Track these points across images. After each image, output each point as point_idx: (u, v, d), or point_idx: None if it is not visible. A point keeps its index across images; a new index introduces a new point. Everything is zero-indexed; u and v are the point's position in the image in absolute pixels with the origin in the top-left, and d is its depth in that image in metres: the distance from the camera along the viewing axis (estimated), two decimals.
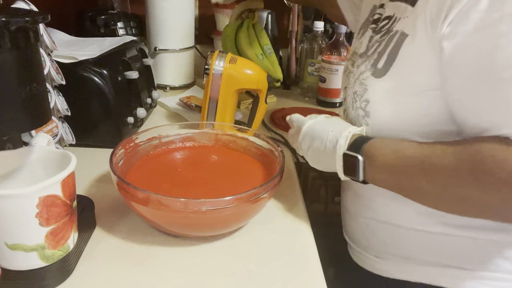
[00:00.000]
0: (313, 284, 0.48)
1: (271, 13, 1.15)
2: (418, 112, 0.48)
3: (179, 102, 1.02)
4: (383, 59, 0.50)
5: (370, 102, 0.50)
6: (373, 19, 0.59)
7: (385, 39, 0.51)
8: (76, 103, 0.70)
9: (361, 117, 0.52)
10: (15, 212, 0.40)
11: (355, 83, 0.54)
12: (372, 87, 0.50)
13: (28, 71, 0.42)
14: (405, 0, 0.50)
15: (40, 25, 0.58)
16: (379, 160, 0.47)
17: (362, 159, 0.48)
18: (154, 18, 1.08)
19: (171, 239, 0.54)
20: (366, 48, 0.56)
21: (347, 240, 0.68)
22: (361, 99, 0.52)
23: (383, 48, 0.51)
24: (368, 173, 0.49)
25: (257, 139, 0.66)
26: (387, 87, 0.49)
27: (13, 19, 0.38)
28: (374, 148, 0.48)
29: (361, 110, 0.52)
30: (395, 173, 0.47)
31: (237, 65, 0.75)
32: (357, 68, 0.55)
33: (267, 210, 0.61)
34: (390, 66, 0.48)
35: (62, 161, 0.45)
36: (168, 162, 0.65)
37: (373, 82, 0.50)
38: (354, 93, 0.54)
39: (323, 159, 0.53)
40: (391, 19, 0.52)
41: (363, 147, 0.48)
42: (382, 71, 0.49)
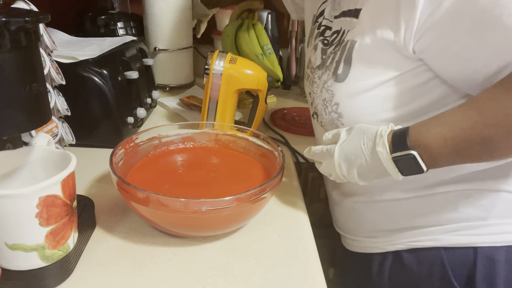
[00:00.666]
0: (313, 284, 0.48)
1: (271, 13, 1.15)
2: (382, 101, 0.54)
3: (179, 102, 1.02)
4: (341, 65, 0.56)
5: (339, 104, 0.56)
6: (319, 32, 0.65)
7: (339, 49, 0.57)
8: (76, 103, 0.70)
9: (336, 119, 0.58)
10: (15, 212, 0.40)
11: (321, 92, 0.59)
12: (338, 91, 0.56)
13: (28, 71, 0.42)
14: (350, 15, 0.56)
15: (40, 25, 0.57)
16: (435, 143, 0.45)
17: (417, 153, 0.46)
18: (154, 18, 1.08)
19: (171, 239, 0.54)
20: (322, 60, 0.62)
21: (339, 231, 0.72)
22: (331, 103, 0.57)
23: (339, 57, 0.57)
24: (429, 161, 0.46)
25: (257, 139, 0.66)
26: (351, 88, 0.55)
27: (13, 19, 0.38)
28: (422, 135, 0.46)
29: (334, 113, 0.57)
30: (459, 145, 0.45)
31: (237, 65, 0.75)
32: (319, 78, 0.61)
33: (267, 210, 0.61)
34: (349, 70, 0.55)
35: (62, 161, 0.45)
36: (168, 162, 0.65)
37: (338, 86, 0.56)
38: (324, 100, 0.59)
39: (371, 173, 0.51)
40: (340, 33, 0.59)
41: (408, 141, 0.46)
42: (343, 75, 0.55)
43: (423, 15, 0.46)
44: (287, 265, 0.50)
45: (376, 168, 0.49)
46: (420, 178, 0.50)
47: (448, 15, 0.45)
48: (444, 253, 0.56)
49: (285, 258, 0.52)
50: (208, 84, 0.76)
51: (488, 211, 0.55)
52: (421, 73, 0.51)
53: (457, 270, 0.56)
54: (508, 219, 0.55)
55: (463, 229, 0.55)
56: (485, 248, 0.54)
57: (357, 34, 0.54)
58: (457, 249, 0.56)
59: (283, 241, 0.55)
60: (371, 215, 0.63)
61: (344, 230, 0.70)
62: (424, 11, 0.46)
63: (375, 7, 0.52)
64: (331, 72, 0.58)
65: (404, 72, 0.52)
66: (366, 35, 0.52)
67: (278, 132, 0.90)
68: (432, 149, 0.45)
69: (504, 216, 0.55)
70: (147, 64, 0.92)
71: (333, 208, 0.72)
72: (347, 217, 0.68)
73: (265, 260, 0.51)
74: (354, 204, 0.65)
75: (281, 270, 0.49)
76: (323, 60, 0.62)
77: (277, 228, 0.58)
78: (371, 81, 0.53)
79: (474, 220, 0.55)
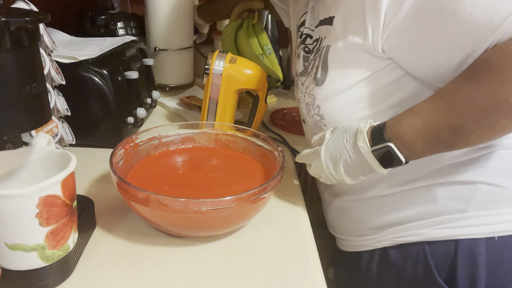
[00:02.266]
0: (313, 284, 0.48)
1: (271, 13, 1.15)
2: (359, 100, 0.56)
3: (179, 102, 1.02)
4: (319, 70, 0.58)
5: (320, 107, 0.59)
6: (301, 40, 0.67)
7: (318, 55, 0.60)
8: (76, 103, 0.70)
9: (319, 121, 0.61)
10: (15, 212, 0.40)
11: (304, 96, 0.63)
12: (318, 94, 0.59)
13: (28, 71, 0.42)
14: (326, 23, 0.59)
15: (40, 25, 0.58)
16: (409, 134, 0.48)
17: (394, 144, 0.48)
18: (154, 18, 1.08)
19: (171, 239, 0.54)
20: (304, 67, 0.65)
21: (332, 233, 0.73)
22: (313, 107, 0.60)
23: (317, 62, 0.60)
24: (407, 152, 0.49)
25: (257, 139, 0.66)
26: (329, 90, 0.57)
27: (13, 19, 0.38)
28: (396, 127, 0.49)
29: (317, 115, 0.60)
30: (430, 134, 0.47)
31: (237, 65, 0.75)
32: (303, 84, 0.64)
33: (267, 210, 0.61)
34: (326, 74, 0.57)
35: (62, 161, 0.45)
36: (168, 162, 0.65)
37: (318, 90, 0.59)
38: (307, 104, 0.62)
39: (357, 169, 0.53)
40: (319, 40, 0.61)
41: (385, 134, 0.49)
42: (322, 79, 0.58)
43: (387, 17, 0.49)
44: (287, 265, 0.50)
45: (360, 163, 0.51)
46: (402, 172, 0.56)
47: (410, 13, 0.47)
48: (427, 247, 0.57)
49: (285, 258, 0.52)
50: (208, 84, 0.76)
51: (467, 203, 0.55)
52: (392, 70, 0.53)
53: (440, 263, 0.56)
54: (487, 211, 0.55)
55: (444, 222, 0.56)
56: (465, 240, 0.55)
57: (331, 39, 0.57)
58: (439, 242, 0.57)
59: (283, 241, 0.55)
60: (359, 213, 0.64)
61: (336, 231, 0.72)
62: (388, 12, 0.48)
63: (345, 13, 0.54)
64: (312, 77, 0.61)
65: (376, 71, 0.54)
66: (339, 40, 0.55)
67: (276, 132, 0.90)
68: (407, 140, 0.48)
69: (482, 208, 0.55)
70: (147, 64, 0.92)
71: (326, 209, 0.74)
72: (338, 217, 0.70)
73: (265, 260, 0.51)
74: (343, 203, 0.67)
75: (281, 270, 0.49)
76: (305, 67, 0.65)
77: (277, 228, 0.58)
78: (347, 82, 0.56)
79: (454, 213, 0.56)
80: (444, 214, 0.56)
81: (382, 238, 0.62)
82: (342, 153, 0.53)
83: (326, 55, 0.57)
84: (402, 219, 0.59)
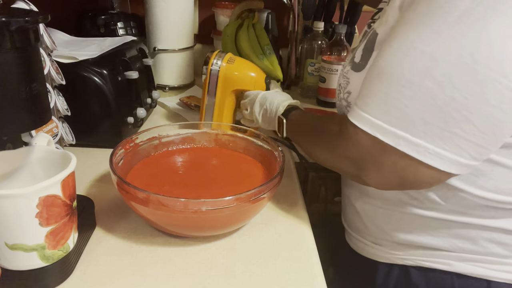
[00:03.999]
0: (313, 284, 0.48)
1: (271, 13, 1.15)
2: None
3: (179, 102, 1.02)
4: (359, 53, 0.55)
5: (351, 94, 0.55)
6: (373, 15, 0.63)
7: (363, 38, 0.56)
8: (76, 103, 0.70)
9: (344, 107, 0.57)
10: (15, 212, 0.40)
11: (341, 76, 0.59)
12: (352, 80, 0.55)
13: (28, 71, 0.42)
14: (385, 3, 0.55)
15: (40, 25, 0.58)
16: (289, 123, 0.65)
17: (285, 122, 0.65)
18: (154, 18, 1.08)
19: (171, 239, 0.54)
20: (359, 44, 0.60)
21: (345, 226, 0.70)
22: (344, 90, 0.57)
23: (360, 43, 0.56)
24: (287, 132, 0.66)
25: (257, 139, 0.66)
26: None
27: (13, 19, 0.38)
28: (292, 116, 0.65)
29: (344, 101, 0.57)
30: (295, 132, 0.64)
31: (234, 65, 0.75)
32: (347, 61, 0.61)
33: (267, 210, 0.61)
34: (367, 61, 0.53)
35: (62, 161, 0.45)
36: (168, 162, 0.65)
37: (353, 75, 0.55)
38: (339, 86, 0.59)
39: (268, 120, 0.70)
40: (377, 19, 0.56)
41: (289, 114, 0.65)
42: (360, 65, 0.54)
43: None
44: (287, 265, 0.50)
45: (272, 119, 0.69)
46: (443, 202, 0.53)
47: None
48: (456, 280, 0.55)
49: (285, 258, 0.52)
50: (205, 83, 0.76)
51: (510, 251, 0.53)
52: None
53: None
54: None
55: (480, 261, 0.54)
56: (500, 283, 0.54)
57: (379, 25, 0.52)
58: (471, 278, 0.55)
59: (283, 241, 0.55)
60: (381, 222, 0.60)
61: (350, 228, 0.68)
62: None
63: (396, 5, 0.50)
64: (350, 58, 0.57)
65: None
66: (386, 29, 0.50)
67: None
68: (290, 124, 0.65)
69: None
70: (147, 64, 0.92)
71: (344, 202, 0.70)
72: (356, 217, 0.66)
73: (265, 260, 0.51)
74: (366, 206, 0.62)
75: (281, 270, 0.49)
76: (359, 44, 0.59)
77: (277, 228, 0.58)
78: None
79: (493, 256, 0.54)
80: (481, 254, 0.54)
81: (405, 257, 0.59)
82: (271, 104, 0.69)
83: (373, 41, 0.52)
84: (430, 245, 0.56)
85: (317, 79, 1.12)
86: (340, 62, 1.04)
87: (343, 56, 1.04)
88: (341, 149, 0.49)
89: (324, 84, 1.08)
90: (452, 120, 0.41)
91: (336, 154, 0.51)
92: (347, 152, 0.49)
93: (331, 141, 0.51)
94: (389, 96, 0.43)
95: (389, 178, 0.46)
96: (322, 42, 1.13)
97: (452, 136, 0.41)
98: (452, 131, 0.41)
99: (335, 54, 1.05)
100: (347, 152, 0.49)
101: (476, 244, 0.54)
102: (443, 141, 0.42)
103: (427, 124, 0.42)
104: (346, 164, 0.50)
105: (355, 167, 0.49)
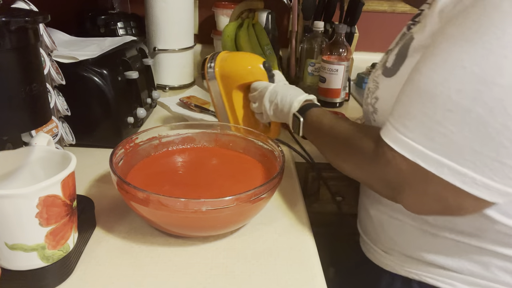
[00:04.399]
0: (313, 284, 0.48)
1: (271, 13, 1.15)
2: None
3: (179, 102, 1.02)
4: (392, 58, 0.51)
5: (379, 100, 0.52)
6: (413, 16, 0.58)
7: (399, 41, 0.52)
8: (76, 103, 0.70)
9: (370, 113, 0.55)
10: (15, 212, 0.40)
11: (371, 79, 0.56)
12: (382, 85, 0.52)
13: (28, 71, 0.42)
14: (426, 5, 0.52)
15: (40, 25, 0.58)
16: (309, 123, 0.61)
17: (302, 120, 0.61)
18: (154, 18, 1.08)
19: (171, 239, 0.54)
20: (395, 46, 0.55)
21: (359, 231, 0.69)
22: (372, 95, 0.54)
23: (394, 47, 0.53)
24: (304, 131, 0.62)
25: (257, 139, 0.66)
26: (396, 88, 0.48)
27: (13, 19, 0.38)
28: (311, 115, 0.61)
29: (371, 106, 0.54)
30: (315, 135, 0.60)
31: (228, 62, 0.72)
32: (380, 64, 0.57)
33: (267, 210, 0.61)
34: (399, 67, 0.49)
35: (62, 161, 0.45)
36: (168, 162, 0.65)
37: (384, 80, 0.52)
38: (368, 89, 0.56)
39: (280, 114, 0.66)
40: (416, 23, 0.52)
41: (307, 113, 0.61)
42: (392, 70, 0.50)
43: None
44: (287, 265, 0.50)
45: (284, 114, 0.65)
46: (461, 224, 0.50)
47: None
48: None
49: (285, 258, 0.52)
50: (208, 89, 0.75)
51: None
52: None
53: None
54: None
55: (486, 287, 0.52)
56: None
57: (417, 30, 0.48)
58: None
59: (283, 241, 0.55)
60: (393, 233, 0.58)
61: (363, 232, 0.67)
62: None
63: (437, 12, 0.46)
64: (383, 61, 0.54)
65: None
66: (424, 35, 0.46)
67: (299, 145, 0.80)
68: (307, 123, 0.61)
69: None
70: (147, 64, 0.92)
71: (360, 207, 0.68)
72: (370, 225, 0.64)
73: (265, 260, 0.51)
74: (381, 215, 0.60)
75: (281, 270, 0.49)
76: (395, 46, 0.55)
77: (277, 228, 0.58)
78: None
79: (501, 284, 0.51)
80: (489, 280, 0.52)
81: (410, 270, 0.57)
82: (282, 98, 0.65)
83: (407, 46, 0.48)
84: (439, 263, 0.54)
85: (317, 79, 1.12)
86: (340, 62, 1.04)
87: (343, 56, 1.04)
88: (376, 170, 0.46)
89: (324, 84, 1.08)
90: (504, 150, 0.37)
91: (369, 174, 0.48)
92: (382, 175, 0.45)
93: (364, 160, 0.48)
94: (432, 120, 0.40)
95: (429, 205, 0.44)
96: (322, 42, 1.13)
97: (502, 167, 0.38)
98: (503, 161, 0.38)
99: (335, 54, 1.05)
100: (382, 175, 0.45)
101: (487, 270, 0.51)
102: (492, 171, 0.39)
103: (476, 153, 0.38)
104: (380, 185, 0.48)
105: (390, 190, 0.46)
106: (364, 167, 0.49)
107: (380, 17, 1.35)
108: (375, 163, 0.46)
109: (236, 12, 1.06)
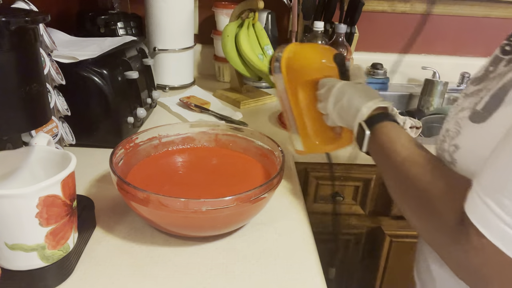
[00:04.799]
0: (313, 284, 0.48)
1: (271, 13, 1.15)
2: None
3: (179, 102, 1.02)
4: (484, 100, 0.39)
5: (460, 149, 0.41)
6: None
7: (497, 78, 0.40)
8: (76, 103, 0.70)
9: (446, 162, 0.44)
10: (15, 212, 0.40)
11: (452, 119, 0.44)
12: (466, 131, 0.41)
13: (28, 71, 0.42)
14: None
15: (40, 25, 0.58)
16: (376, 142, 0.50)
17: (369, 134, 0.50)
18: (154, 18, 1.08)
19: (171, 239, 0.54)
20: (484, 72, 0.44)
21: (415, 279, 0.58)
22: (451, 141, 0.43)
23: (490, 88, 0.40)
24: (370, 147, 0.51)
25: (257, 139, 0.66)
26: (485, 138, 0.38)
27: (13, 19, 0.38)
28: (381, 131, 0.49)
29: (448, 154, 0.43)
30: (381, 157, 0.49)
31: (296, 55, 0.63)
32: (464, 98, 0.45)
33: (267, 210, 0.61)
34: (493, 113, 0.37)
35: (62, 161, 0.45)
36: (168, 162, 0.65)
37: (469, 126, 0.40)
38: (446, 130, 0.45)
39: (346, 117, 0.56)
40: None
41: (377, 126, 0.50)
42: (482, 116, 0.38)
43: None
44: (287, 265, 0.50)
45: (349, 118, 0.54)
46: None
47: None
48: None
49: (285, 258, 0.52)
50: (275, 85, 0.66)
51: None
52: None
53: None
54: None
55: None
56: None
57: None
58: None
59: (283, 241, 0.55)
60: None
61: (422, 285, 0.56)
62: None
63: None
64: (473, 101, 0.42)
65: None
66: None
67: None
68: (375, 141, 0.50)
69: None
70: (147, 64, 0.92)
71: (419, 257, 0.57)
72: (428, 277, 0.54)
73: (265, 260, 0.51)
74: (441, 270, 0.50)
75: (281, 270, 0.49)
76: (485, 72, 0.44)
77: (277, 228, 0.58)
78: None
79: None
80: None
81: None
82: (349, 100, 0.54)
83: (507, 88, 0.37)
84: None
85: None
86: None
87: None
88: (455, 252, 0.36)
89: None
90: None
91: (445, 252, 0.38)
92: (464, 261, 0.35)
93: (442, 233, 0.37)
94: None
95: None
96: (322, 42, 1.13)
97: None
98: None
99: None
100: (464, 261, 0.35)
101: None
102: None
103: None
104: (458, 269, 0.37)
105: (471, 276, 0.36)
106: (440, 239, 0.38)
107: (380, 17, 1.35)
108: (455, 244, 0.35)
109: (236, 12, 1.06)
